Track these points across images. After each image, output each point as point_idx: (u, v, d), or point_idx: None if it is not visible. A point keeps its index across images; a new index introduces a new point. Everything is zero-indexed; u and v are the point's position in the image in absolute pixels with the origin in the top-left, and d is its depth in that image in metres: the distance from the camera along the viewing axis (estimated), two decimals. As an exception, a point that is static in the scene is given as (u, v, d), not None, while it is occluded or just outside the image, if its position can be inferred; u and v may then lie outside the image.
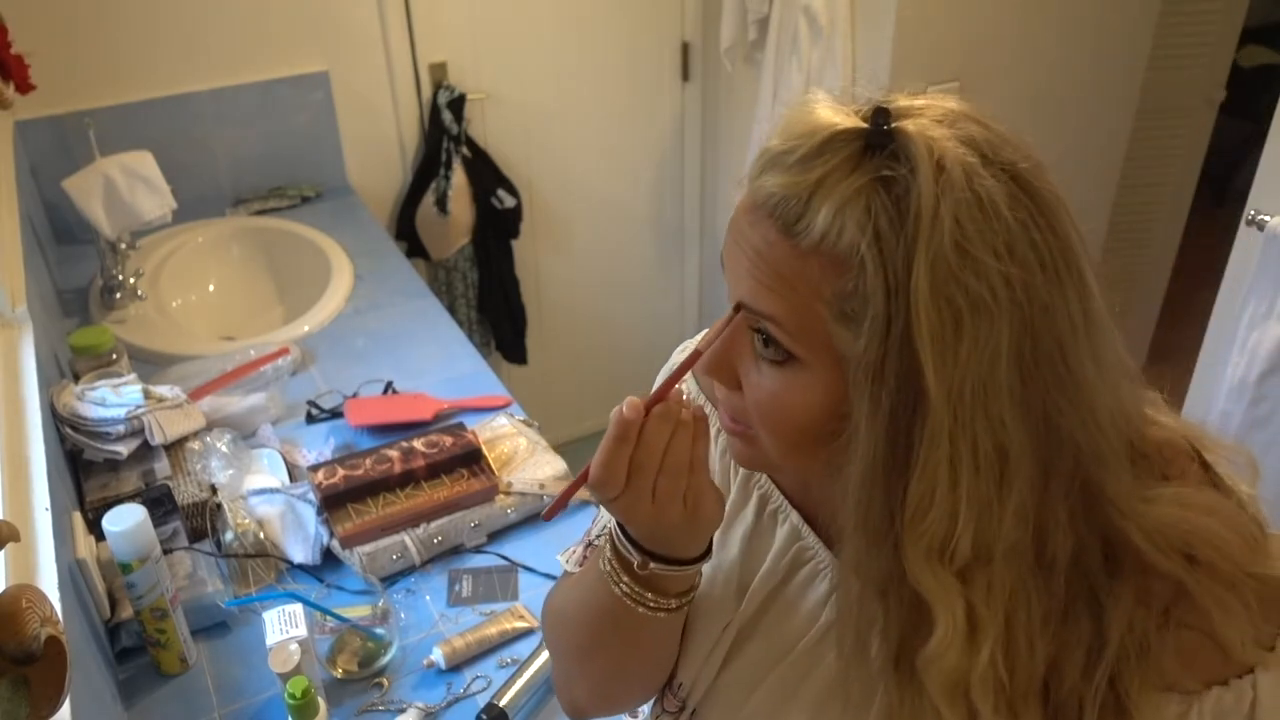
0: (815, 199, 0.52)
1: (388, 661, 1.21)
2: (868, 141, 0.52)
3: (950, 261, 0.50)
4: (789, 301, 0.54)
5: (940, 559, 0.54)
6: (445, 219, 2.41)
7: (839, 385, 0.55)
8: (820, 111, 0.56)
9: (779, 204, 0.54)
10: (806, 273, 0.53)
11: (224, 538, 1.34)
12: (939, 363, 0.51)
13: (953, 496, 0.53)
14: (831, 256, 0.52)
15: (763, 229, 0.55)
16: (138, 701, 1.18)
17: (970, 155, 0.51)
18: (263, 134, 2.22)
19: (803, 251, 0.53)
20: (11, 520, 0.74)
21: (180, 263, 2.02)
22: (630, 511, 0.63)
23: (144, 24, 2.03)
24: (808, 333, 0.55)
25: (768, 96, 2.30)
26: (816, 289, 0.53)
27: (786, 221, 0.53)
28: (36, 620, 0.64)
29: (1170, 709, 0.59)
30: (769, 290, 0.55)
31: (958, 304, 0.50)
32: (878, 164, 0.52)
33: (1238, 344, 1.53)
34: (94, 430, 1.40)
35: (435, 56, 2.36)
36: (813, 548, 0.71)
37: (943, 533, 0.54)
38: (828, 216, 0.51)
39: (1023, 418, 0.53)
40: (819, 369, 0.55)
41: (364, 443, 1.55)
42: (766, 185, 0.54)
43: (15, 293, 1.34)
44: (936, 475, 0.53)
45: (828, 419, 0.56)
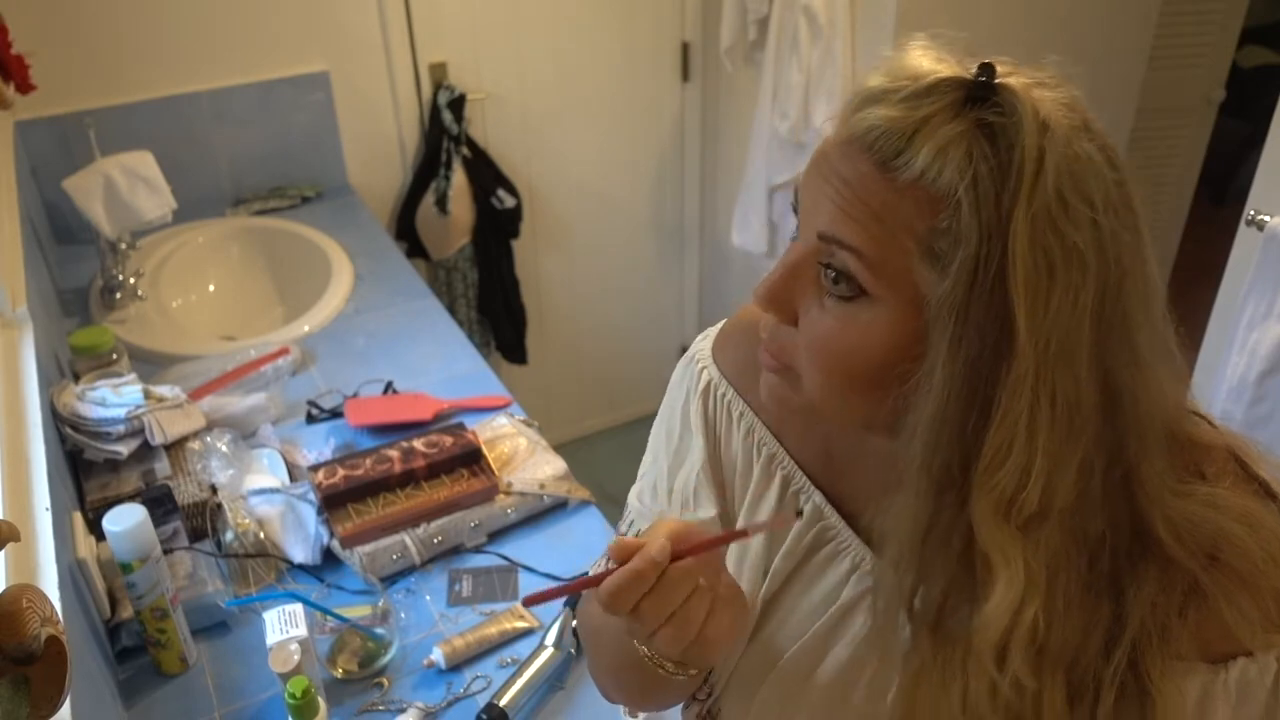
0: (918, 136, 0.53)
1: (388, 661, 1.21)
2: (971, 92, 0.53)
3: (1051, 210, 0.51)
4: (874, 234, 0.54)
5: (1007, 513, 0.54)
6: (445, 219, 2.41)
7: (907, 325, 0.55)
8: (923, 58, 0.57)
9: (880, 137, 0.54)
10: (899, 207, 0.54)
11: (224, 538, 1.34)
12: (1031, 309, 0.51)
13: (1029, 449, 0.53)
14: (928, 194, 0.53)
15: (857, 161, 0.55)
16: (138, 701, 1.18)
17: (1071, 118, 0.53)
18: (263, 134, 2.22)
19: (898, 186, 0.53)
20: (12, 520, 0.74)
21: (180, 263, 2.02)
22: (630, 633, 0.65)
23: (144, 24, 2.03)
24: (887, 267, 0.54)
25: (768, 96, 2.30)
26: (907, 224, 0.53)
27: (885, 155, 0.54)
28: (37, 620, 0.64)
29: (1194, 681, 0.59)
30: (854, 221, 0.55)
31: (1054, 253, 0.51)
32: (981, 113, 0.53)
33: (1237, 344, 1.53)
34: (94, 430, 1.40)
35: (435, 56, 2.36)
36: (835, 527, 0.71)
37: (1014, 486, 0.54)
38: (929, 154, 0.52)
39: (1094, 377, 0.53)
40: (889, 307, 0.55)
41: (364, 443, 1.55)
42: (868, 118, 0.55)
43: (15, 293, 1.34)
44: (1016, 425, 0.53)
45: (886, 362, 0.56)
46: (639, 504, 0.84)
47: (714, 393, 0.77)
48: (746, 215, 2.51)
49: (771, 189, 2.41)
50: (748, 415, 0.75)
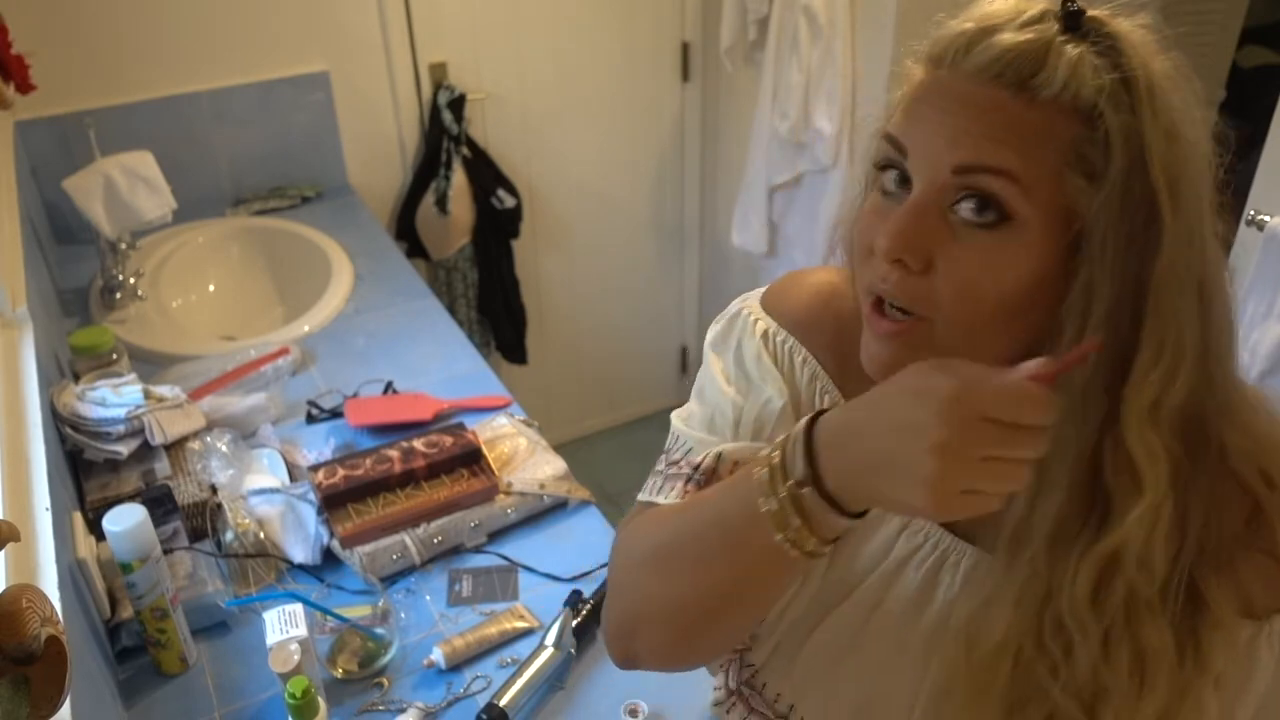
0: (1050, 56, 0.55)
1: (388, 661, 1.21)
2: (1068, 22, 0.57)
3: (1171, 111, 0.55)
4: (1021, 153, 0.55)
5: (1152, 416, 0.56)
6: (445, 219, 2.41)
7: (1057, 244, 0.57)
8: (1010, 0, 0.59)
9: (1014, 61, 0.56)
10: (1045, 124, 0.55)
11: (224, 538, 1.34)
12: (1174, 204, 0.55)
13: (1177, 346, 0.56)
14: (1071, 107, 0.55)
15: (990, 90, 0.56)
16: (138, 701, 1.18)
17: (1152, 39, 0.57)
18: (263, 134, 2.22)
19: (1040, 103, 0.55)
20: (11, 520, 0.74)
21: (180, 263, 2.02)
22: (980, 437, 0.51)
23: (144, 24, 2.03)
24: (1036, 185, 0.56)
25: (768, 96, 2.30)
26: (1054, 139, 0.55)
27: (1020, 78, 0.56)
28: (37, 620, 0.64)
29: (1243, 633, 0.61)
30: (1000, 144, 0.56)
31: (1178, 151, 0.55)
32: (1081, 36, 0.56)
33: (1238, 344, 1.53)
34: (94, 430, 1.40)
35: (435, 56, 2.36)
36: None
37: (1162, 384, 0.56)
38: (1066, 70, 0.55)
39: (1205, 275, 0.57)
40: (1037, 227, 0.56)
41: (364, 443, 1.55)
42: (995, 46, 0.56)
43: (15, 293, 1.34)
44: (1167, 322, 0.56)
45: (1034, 285, 0.57)
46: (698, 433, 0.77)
47: (772, 339, 0.76)
48: (746, 215, 2.51)
49: (771, 189, 2.42)
50: (811, 363, 0.75)
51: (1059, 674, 0.61)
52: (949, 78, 0.58)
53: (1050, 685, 0.61)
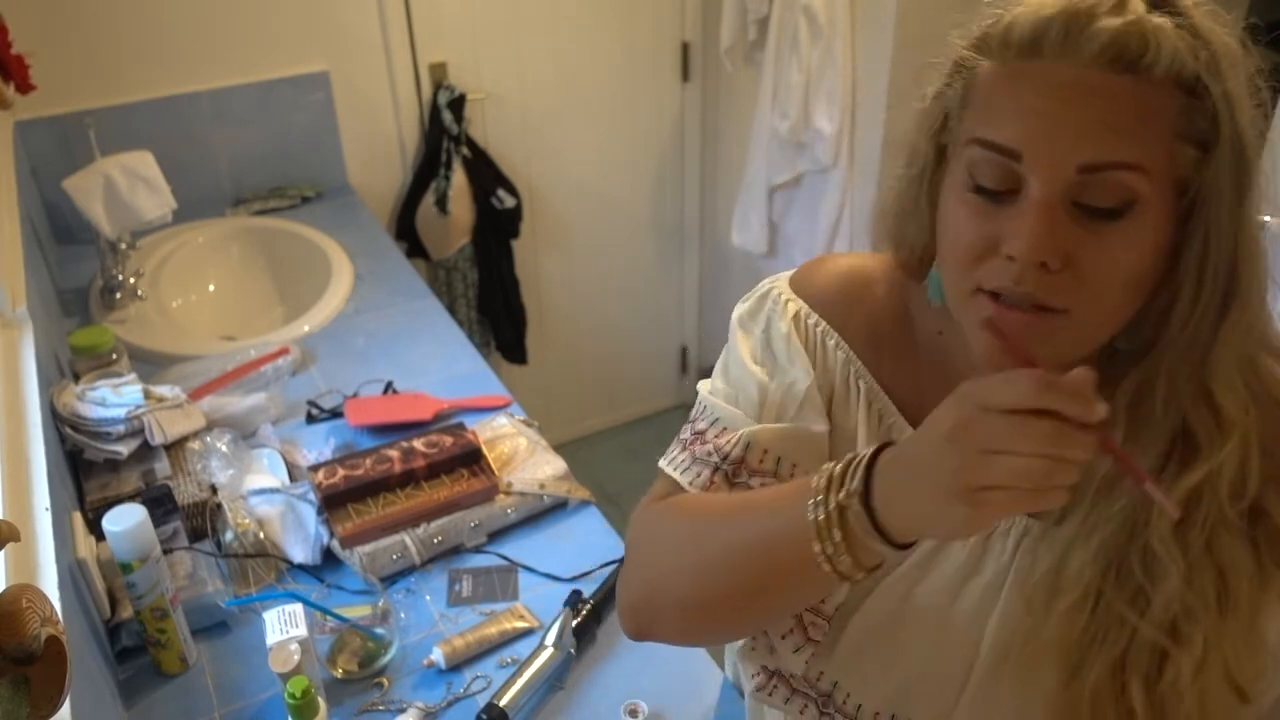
0: (1150, 34, 0.56)
1: (388, 661, 1.21)
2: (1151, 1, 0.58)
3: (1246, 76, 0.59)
4: (1144, 140, 0.57)
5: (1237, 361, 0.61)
6: (445, 219, 2.41)
7: (1170, 213, 0.59)
8: None
9: (1124, 45, 0.56)
10: (1157, 101, 0.57)
11: (224, 538, 1.34)
12: (1257, 158, 0.59)
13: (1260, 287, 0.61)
14: (1179, 81, 0.57)
15: (1105, 78, 0.57)
16: (138, 701, 1.18)
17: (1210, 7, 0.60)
18: (263, 134, 2.22)
19: (1155, 82, 0.57)
20: (11, 520, 0.74)
21: (180, 263, 2.02)
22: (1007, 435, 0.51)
23: (144, 24, 2.03)
24: (1155, 165, 0.58)
25: (768, 96, 2.30)
26: (1168, 115, 0.57)
27: (1130, 60, 0.57)
28: (36, 620, 0.64)
29: None
30: (1123, 134, 0.57)
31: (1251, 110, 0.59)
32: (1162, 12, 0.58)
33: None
34: (94, 430, 1.40)
35: (435, 56, 2.36)
36: None
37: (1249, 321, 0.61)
38: (1170, 46, 0.56)
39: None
40: (1158, 203, 0.58)
41: (364, 443, 1.55)
42: (1100, 34, 0.56)
43: (15, 293, 1.34)
44: (1254, 265, 0.60)
45: (1157, 258, 0.60)
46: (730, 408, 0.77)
47: (804, 321, 0.77)
48: (746, 215, 2.51)
49: (771, 189, 2.42)
50: (844, 346, 0.76)
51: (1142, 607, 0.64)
52: (1055, 68, 0.58)
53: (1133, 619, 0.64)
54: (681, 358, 3.16)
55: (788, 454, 0.74)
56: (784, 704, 0.78)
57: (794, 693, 0.78)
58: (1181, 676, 0.64)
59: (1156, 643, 0.64)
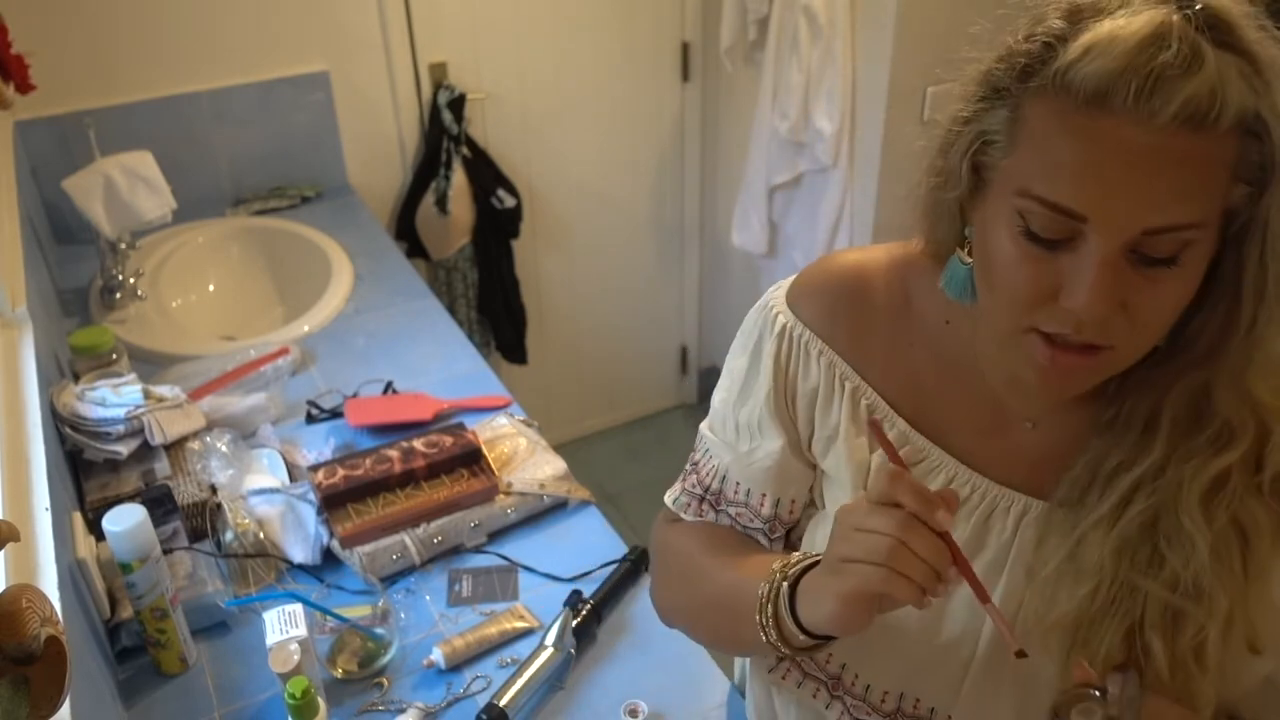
0: (1219, 87, 0.55)
1: (388, 661, 1.21)
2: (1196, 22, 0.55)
3: None
4: (1205, 194, 0.57)
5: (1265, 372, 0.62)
6: (445, 219, 2.41)
7: (1212, 247, 0.60)
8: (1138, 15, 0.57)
9: (1197, 108, 0.55)
10: (1219, 151, 0.57)
11: (224, 538, 1.34)
12: None
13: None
14: (1242, 127, 0.57)
15: (1177, 139, 0.55)
16: (138, 701, 1.18)
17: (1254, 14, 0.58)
18: (263, 134, 2.22)
19: (1220, 136, 0.56)
20: (11, 520, 0.74)
21: (180, 263, 2.02)
22: (839, 545, 0.65)
23: (144, 24, 2.03)
24: (1212, 213, 0.58)
25: (768, 96, 2.30)
26: (1230, 161, 0.58)
27: (1198, 118, 0.55)
28: (36, 620, 0.64)
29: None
30: (1190, 197, 0.57)
31: None
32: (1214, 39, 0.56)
33: None
34: (94, 430, 1.40)
35: (435, 56, 2.36)
36: (923, 449, 0.75)
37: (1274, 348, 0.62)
38: (1237, 95, 0.55)
39: None
40: (1206, 241, 0.59)
41: (364, 443, 1.55)
42: (1178, 95, 0.54)
43: (15, 293, 1.34)
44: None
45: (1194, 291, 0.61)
46: (711, 434, 0.88)
47: (789, 334, 0.79)
48: (746, 215, 2.51)
49: (771, 189, 2.42)
50: (828, 353, 0.78)
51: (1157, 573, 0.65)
52: (1125, 130, 0.56)
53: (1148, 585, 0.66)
54: (681, 358, 3.16)
55: (755, 484, 0.83)
56: (796, 687, 0.82)
57: (806, 676, 0.81)
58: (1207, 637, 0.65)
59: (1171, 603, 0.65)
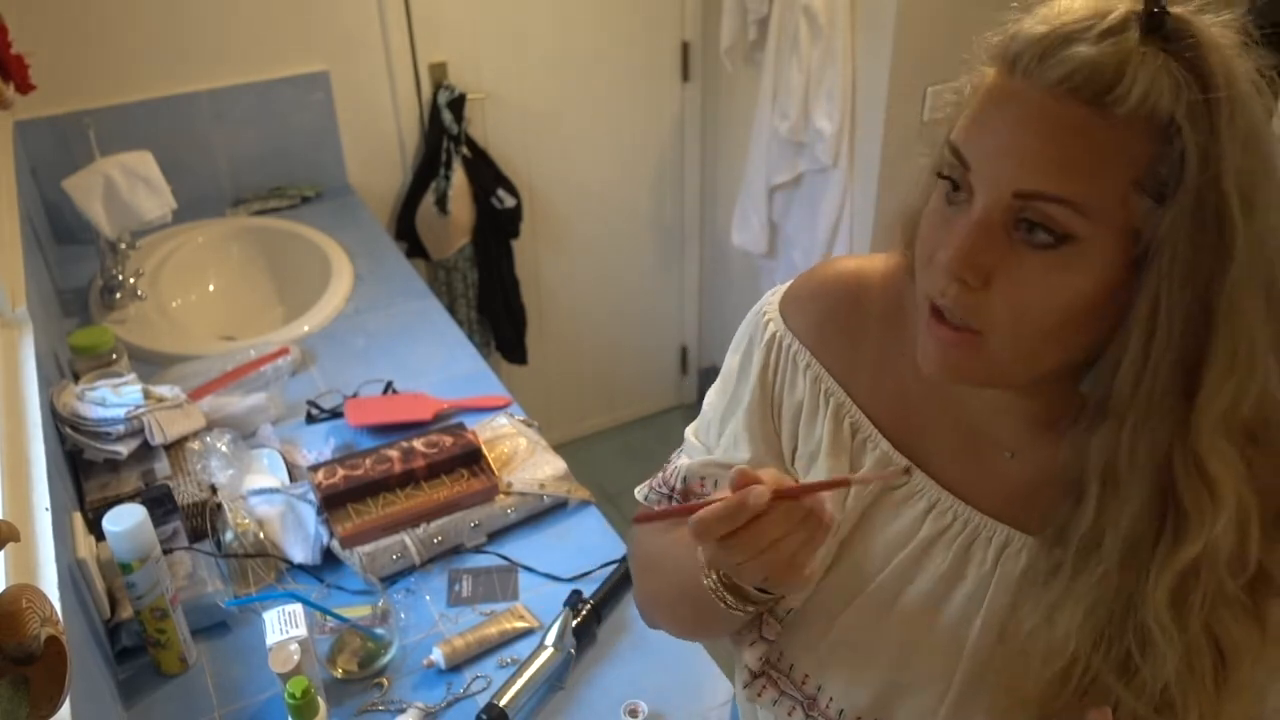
0: (1129, 68, 0.53)
1: (388, 661, 1.21)
2: (1149, 23, 0.54)
3: (1252, 122, 0.54)
4: (1088, 177, 0.54)
5: (1225, 425, 0.57)
6: (445, 219, 2.41)
7: (1120, 260, 0.56)
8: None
9: (1089, 76, 0.53)
10: (1117, 143, 0.54)
11: (224, 538, 1.34)
12: (1247, 218, 0.54)
13: (1250, 356, 0.56)
14: (1145, 125, 0.54)
15: (1065, 105, 0.54)
16: (138, 701, 1.18)
17: (1236, 40, 0.55)
18: (263, 134, 2.22)
19: (1115, 120, 0.54)
20: (11, 520, 0.74)
21: (180, 263, 2.02)
22: (712, 561, 0.67)
23: (144, 24, 2.03)
24: (1098, 207, 0.55)
25: (768, 96, 2.30)
26: (1126, 158, 0.54)
27: (1097, 92, 0.54)
28: (36, 620, 0.64)
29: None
30: (1067, 169, 0.54)
31: (1255, 162, 0.54)
32: (1164, 42, 0.54)
33: None
34: (94, 430, 1.40)
35: (435, 56, 2.36)
36: None
37: (1235, 395, 0.56)
38: (1144, 84, 0.53)
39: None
40: (1098, 245, 0.55)
41: (364, 443, 1.55)
42: (1071, 59, 0.54)
43: (15, 293, 1.34)
44: (1238, 334, 0.55)
45: (1094, 301, 0.57)
46: (693, 439, 0.87)
47: (778, 344, 0.78)
48: (746, 215, 2.51)
49: (771, 189, 2.41)
50: (815, 366, 0.76)
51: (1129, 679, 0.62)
52: (1021, 87, 0.56)
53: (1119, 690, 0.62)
54: (681, 358, 3.16)
55: (722, 479, 0.81)
56: (772, 705, 0.79)
57: (781, 694, 0.79)
58: None
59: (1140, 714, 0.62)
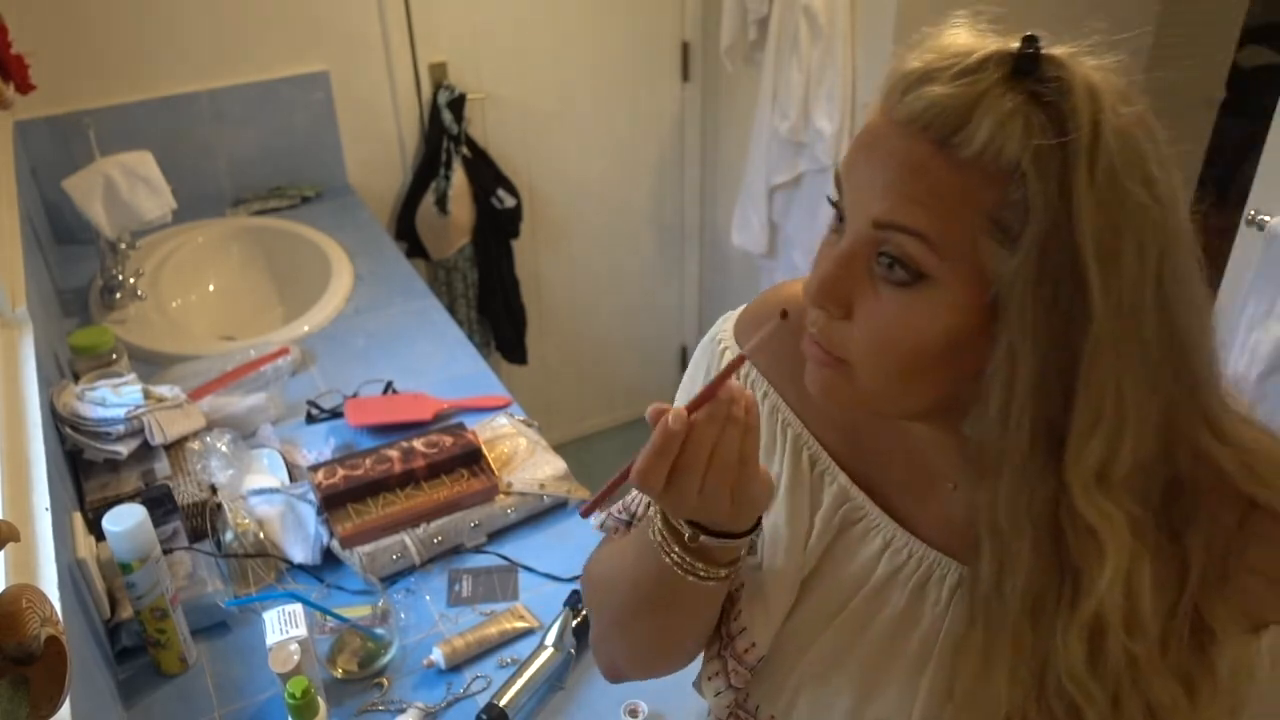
0: (976, 112, 0.53)
1: (388, 661, 1.21)
2: (1019, 65, 0.54)
3: (1113, 172, 0.52)
4: (936, 215, 0.54)
5: (1101, 481, 0.55)
6: (445, 219, 2.41)
7: (973, 306, 0.55)
8: (964, 34, 0.57)
9: (937, 116, 0.53)
10: (963, 185, 0.53)
11: (224, 538, 1.34)
12: (1104, 273, 0.52)
13: (1117, 412, 0.54)
14: (992, 169, 0.53)
15: (914, 142, 0.54)
16: (138, 701, 1.18)
17: (1116, 84, 0.54)
18: (263, 134, 2.22)
19: (960, 162, 0.53)
20: (11, 520, 0.74)
21: (180, 263, 2.02)
22: (675, 507, 0.64)
23: (144, 24, 2.03)
24: (951, 248, 0.54)
25: (768, 96, 2.30)
26: (972, 201, 0.53)
27: (944, 133, 0.53)
28: (36, 620, 0.64)
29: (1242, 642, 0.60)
30: (915, 204, 0.54)
31: (1117, 214, 0.52)
32: (1031, 85, 0.53)
33: (1238, 344, 1.53)
34: (94, 430, 1.40)
35: (435, 56, 2.36)
36: (862, 507, 0.72)
37: (1105, 451, 0.55)
38: (989, 129, 0.52)
39: (1163, 328, 0.55)
40: (952, 288, 0.55)
41: (364, 443, 1.55)
42: (923, 98, 0.54)
43: (15, 293, 1.34)
44: (1103, 390, 0.54)
45: (949, 345, 0.56)
46: None
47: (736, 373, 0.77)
48: (746, 215, 2.51)
49: (771, 189, 2.41)
50: (772, 395, 0.75)
51: None
52: (884, 124, 0.57)
53: None
54: (681, 358, 3.15)
55: None
56: None
57: None
58: None
59: None
